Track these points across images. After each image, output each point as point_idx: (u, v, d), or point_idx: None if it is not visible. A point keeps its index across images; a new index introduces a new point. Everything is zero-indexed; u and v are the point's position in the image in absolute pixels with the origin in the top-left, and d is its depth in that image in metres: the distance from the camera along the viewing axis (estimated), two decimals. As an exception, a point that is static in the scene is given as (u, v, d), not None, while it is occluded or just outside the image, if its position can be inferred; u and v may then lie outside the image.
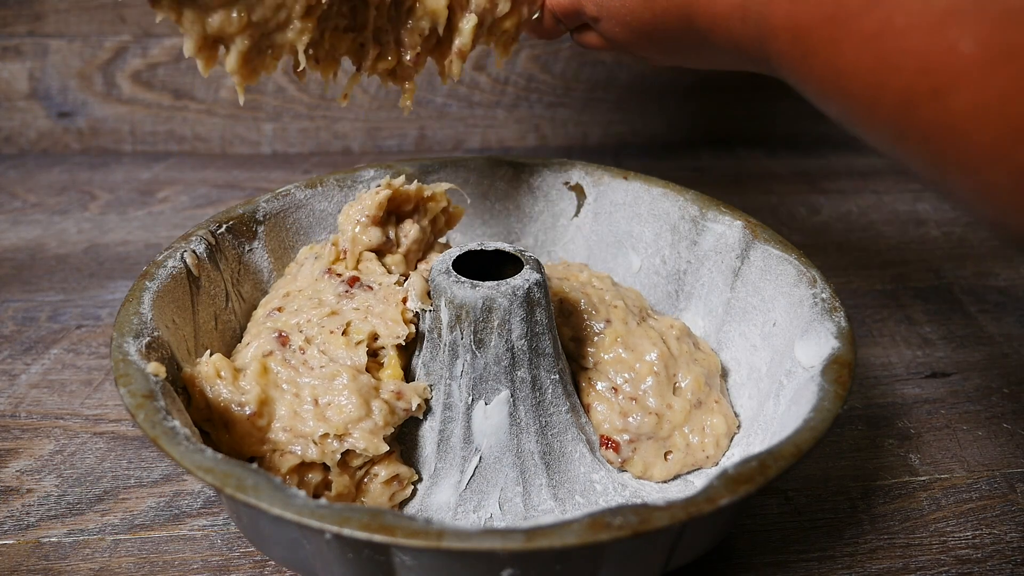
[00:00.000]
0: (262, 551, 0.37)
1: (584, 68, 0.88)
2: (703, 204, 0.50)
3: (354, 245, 0.45)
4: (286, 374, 0.39)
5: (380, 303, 0.42)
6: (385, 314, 0.42)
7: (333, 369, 0.39)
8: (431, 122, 0.89)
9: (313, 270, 0.46)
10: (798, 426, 0.33)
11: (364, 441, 0.37)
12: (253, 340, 0.41)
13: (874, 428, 0.49)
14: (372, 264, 0.45)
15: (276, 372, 0.39)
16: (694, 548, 0.34)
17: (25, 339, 0.55)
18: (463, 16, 0.44)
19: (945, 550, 0.40)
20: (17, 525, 0.40)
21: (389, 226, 0.46)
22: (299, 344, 0.40)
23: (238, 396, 0.37)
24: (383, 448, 0.38)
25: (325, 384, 0.38)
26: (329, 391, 0.38)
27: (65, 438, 0.46)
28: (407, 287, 0.42)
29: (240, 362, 0.40)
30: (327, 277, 0.45)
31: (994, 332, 0.58)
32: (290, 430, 0.37)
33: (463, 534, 0.27)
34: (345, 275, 0.45)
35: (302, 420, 0.37)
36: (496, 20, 0.46)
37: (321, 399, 0.38)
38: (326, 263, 0.46)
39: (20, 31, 0.81)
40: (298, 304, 0.44)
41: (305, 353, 0.40)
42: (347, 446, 0.37)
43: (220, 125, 0.86)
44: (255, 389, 0.38)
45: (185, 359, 0.40)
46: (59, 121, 0.85)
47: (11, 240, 0.68)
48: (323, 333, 0.41)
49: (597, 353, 0.44)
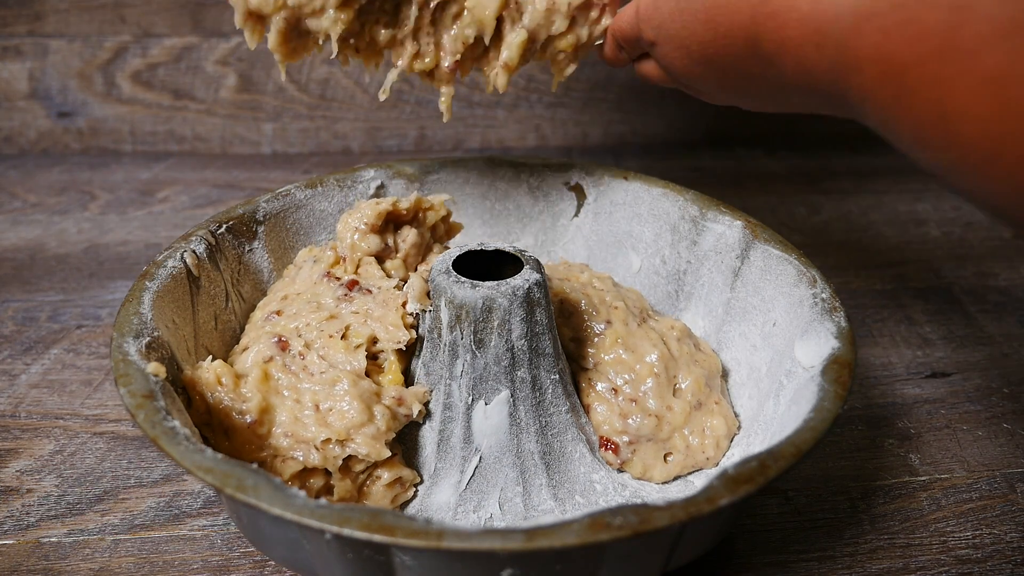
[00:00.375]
0: (262, 551, 0.37)
1: (584, 68, 0.88)
2: (703, 204, 0.50)
3: (353, 252, 0.45)
4: (287, 380, 0.39)
5: (379, 307, 0.42)
6: (384, 318, 0.42)
7: (334, 375, 0.39)
8: (431, 122, 0.89)
9: (312, 273, 0.46)
10: (798, 426, 0.33)
11: (367, 446, 0.37)
12: (253, 344, 0.41)
13: (874, 428, 0.49)
14: (371, 268, 0.46)
15: (277, 378, 0.39)
16: (694, 548, 0.34)
17: (25, 339, 0.55)
18: (512, 29, 0.42)
19: (945, 550, 0.40)
20: (17, 525, 0.40)
21: (387, 233, 0.47)
22: (299, 349, 0.40)
23: (239, 404, 0.37)
24: (385, 453, 0.38)
25: (326, 390, 0.38)
26: (330, 396, 0.38)
27: (65, 438, 0.46)
28: (406, 290, 0.42)
29: (240, 366, 0.40)
30: (326, 280, 0.45)
31: (994, 332, 0.58)
32: (291, 436, 0.37)
33: (463, 534, 0.27)
34: (344, 278, 0.45)
35: (303, 426, 0.37)
36: (550, 38, 0.43)
37: (322, 404, 0.38)
38: (325, 266, 0.46)
39: (20, 31, 0.81)
40: (296, 307, 0.43)
41: (305, 359, 0.40)
42: (349, 451, 0.37)
43: (220, 125, 0.86)
44: (256, 397, 0.37)
45: (185, 359, 0.40)
46: (59, 121, 0.85)
47: (11, 240, 0.68)
48: (322, 337, 0.41)
49: (597, 354, 0.44)
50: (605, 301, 0.46)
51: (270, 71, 0.85)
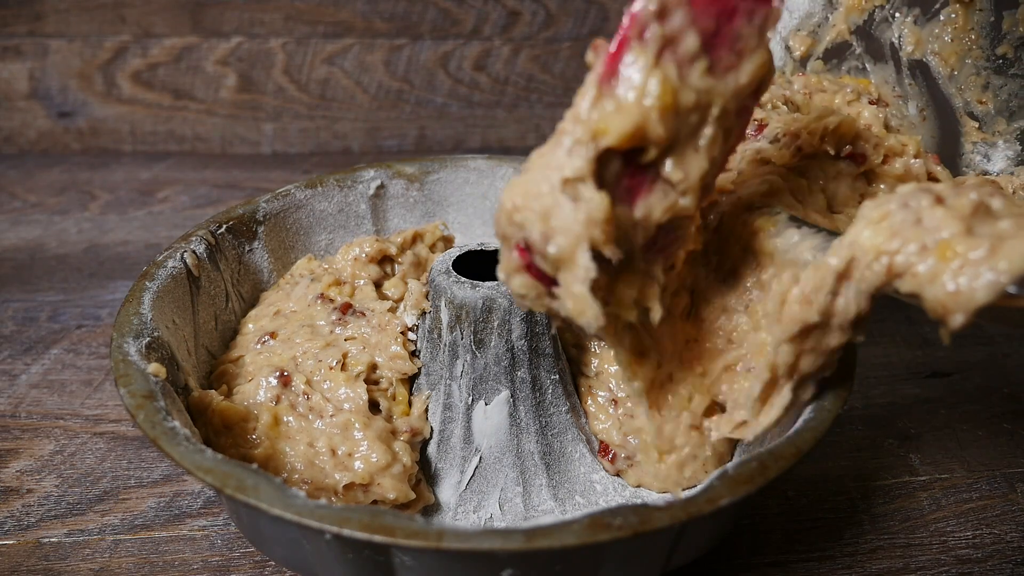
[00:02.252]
0: (262, 551, 0.37)
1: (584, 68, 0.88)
2: (703, 204, 0.50)
3: (353, 280, 0.47)
4: (296, 424, 0.38)
5: (376, 332, 0.42)
6: (381, 344, 0.41)
7: (345, 418, 0.38)
8: (431, 122, 0.89)
9: (307, 293, 0.46)
10: (798, 426, 0.33)
11: (394, 490, 0.36)
12: (255, 376, 0.40)
13: (874, 428, 0.49)
14: (366, 288, 0.46)
15: (287, 421, 0.38)
16: (694, 548, 0.34)
17: (25, 339, 0.55)
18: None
19: (945, 550, 0.40)
20: (17, 525, 0.40)
21: (385, 263, 0.49)
22: (302, 387, 0.39)
23: (245, 447, 0.36)
24: (411, 495, 0.37)
25: (341, 434, 0.37)
26: (347, 440, 0.37)
27: (65, 438, 0.46)
28: (403, 308, 0.42)
29: (240, 397, 0.39)
30: (319, 303, 0.45)
31: (994, 332, 0.58)
32: (310, 482, 0.36)
33: (463, 534, 0.27)
34: (337, 301, 0.45)
35: (321, 471, 0.36)
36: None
37: (339, 449, 0.37)
38: (321, 287, 0.46)
39: (20, 31, 0.81)
40: (291, 330, 0.43)
41: (311, 399, 0.39)
42: (374, 496, 0.36)
43: (220, 125, 0.86)
44: (264, 443, 0.37)
45: (185, 359, 0.40)
46: (59, 121, 0.85)
47: (11, 240, 0.68)
48: (322, 368, 0.40)
49: (600, 364, 0.44)
50: None
51: (270, 71, 0.85)
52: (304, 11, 0.83)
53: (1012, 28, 0.42)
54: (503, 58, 0.87)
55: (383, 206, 0.54)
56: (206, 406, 0.37)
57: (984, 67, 0.43)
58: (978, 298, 0.25)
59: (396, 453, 0.37)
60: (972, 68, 0.43)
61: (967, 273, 0.25)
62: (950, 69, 0.44)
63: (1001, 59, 0.43)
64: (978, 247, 0.25)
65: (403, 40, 0.85)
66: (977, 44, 0.43)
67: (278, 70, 0.85)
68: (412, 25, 0.85)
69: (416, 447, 0.39)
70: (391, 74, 0.87)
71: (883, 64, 0.46)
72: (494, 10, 0.85)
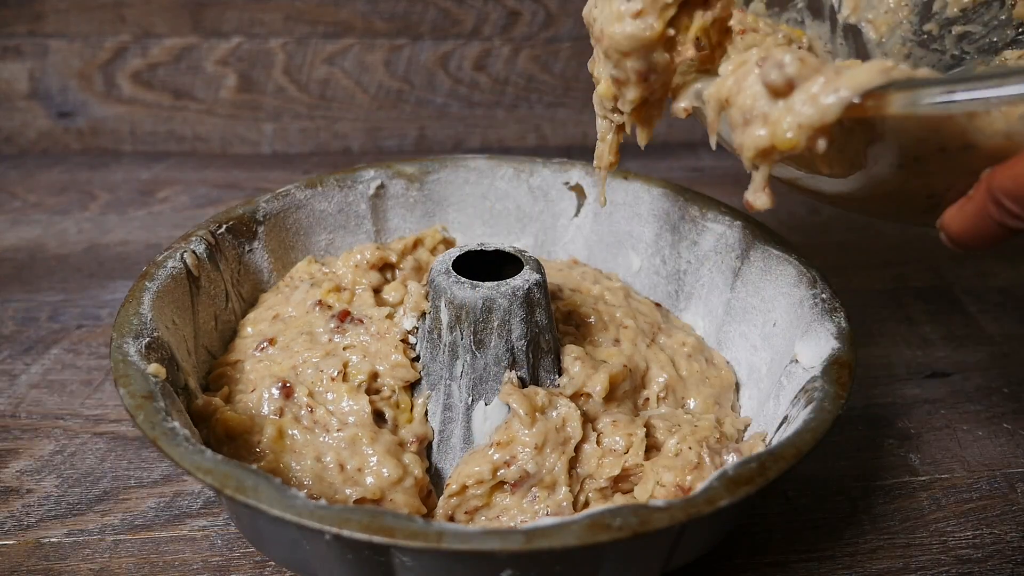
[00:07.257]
0: (262, 552, 0.37)
1: (584, 68, 0.88)
2: (703, 204, 0.50)
3: (353, 286, 0.47)
4: (302, 438, 0.38)
5: (375, 340, 0.42)
6: (381, 352, 0.41)
7: (352, 432, 0.37)
8: (431, 122, 0.89)
9: (306, 298, 0.46)
10: (798, 427, 0.33)
11: (407, 506, 0.36)
12: (257, 386, 0.40)
13: (874, 428, 0.49)
14: (365, 295, 0.46)
15: (292, 435, 0.38)
16: (694, 548, 0.34)
17: (25, 339, 0.55)
18: None
19: (945, 550, 0.40)
20: (17, 525, 0.40)
21: (386, 269, 0.49)
22: (305, 400, 0.39)
23: (249, 461, 0.36)
24: (423, 510, 0.37)
25: (349, 448, 0.37)
26: (355, 455, 0.37)
27: (65, 438, 0.46)
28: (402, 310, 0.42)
29: (243, 407, 0.39)
30: (317, 310, 0.45)
31: (994, 332, 0.58)
32: (320, 497, 0.35)
33: (463, 535, 0.27)
34: (336, 308, 0.45)
35: (331, 486, 0.36)
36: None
37: (347, 464, 0.37)
38: (320, 293, 0.46)
39: (20, 31, 0.81)
40: (289, 337, 0.43)
41: (315, 412, 0.39)
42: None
43: (220, 125, 0.86)
44: (268, 456, 0.36)
45: (185, 359, 0.40)
46: (59, 121, 0.85)
47: (11, 240, 0.68)
48: (323, 379, 0.40)
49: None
50: (615, 318, 0.46)
51: (270, 71, 0.85)
52: (304, 11, 0.83)
53: (941, 9, 0.47)
54: (503, 58, 0.87)
55: (383, 206, 0.54)
56: (210, 414, 0.37)
57: (910, 39, 0.48)
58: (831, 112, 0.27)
59: (407, 466, 0.37)
60: (899, 39, 0.48)
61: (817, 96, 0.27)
62: (880, 36, 0.49)
63: (926, 35, 0.48)
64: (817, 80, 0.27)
65: (403, 40, 0.85)
66: (908, 19, 0.48)
67: (278, 70, 0.85)
68: (412, 25, 0.85)
69: (424, 454, 0.39)
70: (391, 74, 0.86)
71: (820, 22, 0.50)
72: (494, 10, 0.85)
